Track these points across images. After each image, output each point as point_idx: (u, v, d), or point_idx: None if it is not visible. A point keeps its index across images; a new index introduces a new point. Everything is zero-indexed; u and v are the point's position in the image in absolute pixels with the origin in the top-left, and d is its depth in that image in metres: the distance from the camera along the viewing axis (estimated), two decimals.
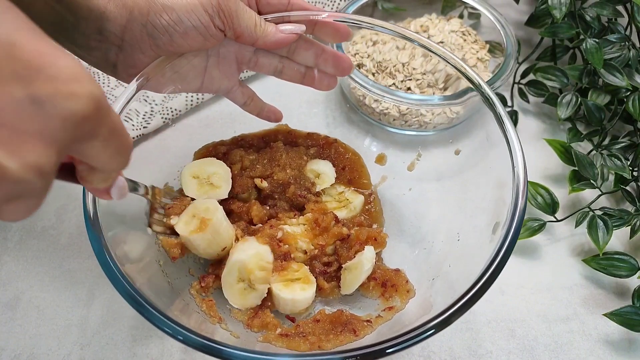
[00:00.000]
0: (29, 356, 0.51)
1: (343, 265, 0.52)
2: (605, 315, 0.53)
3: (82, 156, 0.29)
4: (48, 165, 0.26)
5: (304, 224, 0.54)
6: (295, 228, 0.53)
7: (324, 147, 0.61)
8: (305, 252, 0.52)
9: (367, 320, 0.48)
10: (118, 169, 0.32)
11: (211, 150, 0.58)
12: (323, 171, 0.58)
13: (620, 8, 0.71)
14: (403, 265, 0.53)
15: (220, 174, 0.54)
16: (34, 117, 0.24)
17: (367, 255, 0.51)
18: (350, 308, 0.51)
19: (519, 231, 0.41)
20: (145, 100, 0.65)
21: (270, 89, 0.58)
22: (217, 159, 0.56)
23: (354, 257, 0.52)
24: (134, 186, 0.45)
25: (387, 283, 0.51)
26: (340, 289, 0.52)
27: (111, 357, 0.52)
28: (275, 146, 0.58)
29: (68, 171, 0.33)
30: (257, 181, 0.56)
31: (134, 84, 0.46)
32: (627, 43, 0.69)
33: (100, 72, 0.70)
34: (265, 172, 0.56)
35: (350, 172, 0.60)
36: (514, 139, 0.46)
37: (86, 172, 0.32)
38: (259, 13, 0.50)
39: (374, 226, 0.57)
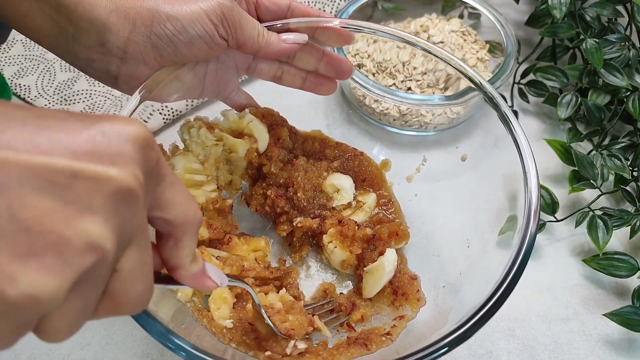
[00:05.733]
0: (29, 356, 0.51)
1: (365, 269, 0.51)
2: (605, 315, 0.53)
3: (158, 207, 0.27)
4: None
5: (332, 240, 0.53)
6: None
7: (350, 159, 0.60)
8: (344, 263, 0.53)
9: (387, 333, 0.47)
10: (197, 218, 0.29)
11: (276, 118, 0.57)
12: (343, 187, 0.57)
13: (620, 8, 0.71)
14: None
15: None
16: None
17: (389, 257, 0.50)
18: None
19: (535, 237, 0.41)
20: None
21: (271, 89, 0.57)
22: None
23: (377, 260, 0.51)
24: None
25: (398, 291, 0.51)
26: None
27: (111, 357, 0.52)
28: (296, 164, 0.56)
29: (164, 278, 0.31)
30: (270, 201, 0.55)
31: (137, 96, 0.45)
32: (627, 43, 0.69)
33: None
34: (279, 191, 0.55)
35: (370, 185, 0.60)
36: (521, 139, 0.45)
37: (173, 249, 0.29)
38: (259, 20, 0.49)
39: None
